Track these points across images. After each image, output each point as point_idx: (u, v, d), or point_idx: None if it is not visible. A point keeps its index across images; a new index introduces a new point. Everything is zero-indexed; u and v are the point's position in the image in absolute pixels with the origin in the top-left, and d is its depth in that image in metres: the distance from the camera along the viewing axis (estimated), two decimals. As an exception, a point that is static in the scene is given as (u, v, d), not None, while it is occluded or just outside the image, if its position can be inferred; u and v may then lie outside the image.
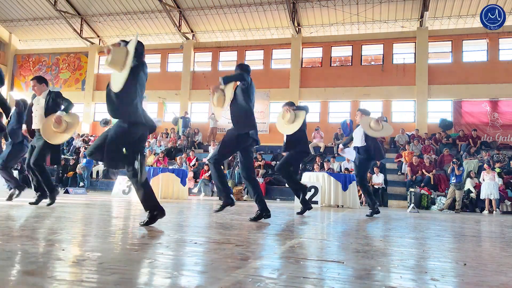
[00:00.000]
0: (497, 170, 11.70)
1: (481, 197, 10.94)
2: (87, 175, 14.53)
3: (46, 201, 5.44)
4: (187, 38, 19.61)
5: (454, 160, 11.26)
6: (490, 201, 10.77)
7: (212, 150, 15.10)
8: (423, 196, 11.63)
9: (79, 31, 20.53)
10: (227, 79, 4.48)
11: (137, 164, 3.44)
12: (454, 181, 10.76)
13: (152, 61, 20.71)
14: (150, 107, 19.24)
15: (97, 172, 15.36)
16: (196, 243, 2.70)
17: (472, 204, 11.37)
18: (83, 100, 20.84)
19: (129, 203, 7.38)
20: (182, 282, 1.61)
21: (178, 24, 18.97)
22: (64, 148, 16.97)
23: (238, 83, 4.68)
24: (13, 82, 22.38)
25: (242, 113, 4.57)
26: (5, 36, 22.22)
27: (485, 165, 11.45)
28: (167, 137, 17.65)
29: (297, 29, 18.15)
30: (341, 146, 7.26)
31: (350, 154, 7.75)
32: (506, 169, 12.52)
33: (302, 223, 4.68)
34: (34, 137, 5.52)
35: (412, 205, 9.79)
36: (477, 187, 11.35)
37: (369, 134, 6.33)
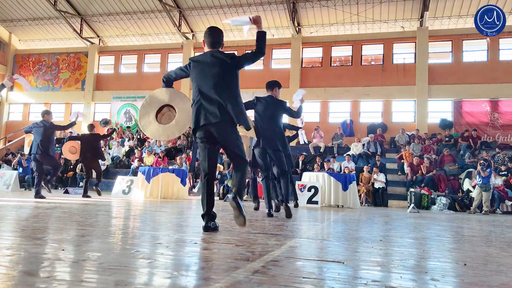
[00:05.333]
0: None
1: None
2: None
3: None
4: (187, 38, 19.60)
5: (481, 162, 10.90)
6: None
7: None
8: (423, 196, 11.62)
9: (79, 31, 20.52)
10: None
11: None
12: (480, 182, 10.61)
13: (152, 61, 20.74)
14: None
15: (97, 172, 15.33)
16: (196, 243, 2.70)
17: (472, 204, 11.35)
18: (83, 100, 20.86)
19: (129, 203, 7.38)
20: (182, 282, 1.61)
21: (178, 24, 18.97)
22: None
23: None
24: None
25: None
26: (5, 36, 22.22)
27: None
28: (167, 137, 17.62)
29: (297, 29, 18.15)
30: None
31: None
32: (506, 167, 12.52)
33: (302, 223, 4.68)
34: None
35: (412, 205, 9.78)
36: (475, 187, 11.34)
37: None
